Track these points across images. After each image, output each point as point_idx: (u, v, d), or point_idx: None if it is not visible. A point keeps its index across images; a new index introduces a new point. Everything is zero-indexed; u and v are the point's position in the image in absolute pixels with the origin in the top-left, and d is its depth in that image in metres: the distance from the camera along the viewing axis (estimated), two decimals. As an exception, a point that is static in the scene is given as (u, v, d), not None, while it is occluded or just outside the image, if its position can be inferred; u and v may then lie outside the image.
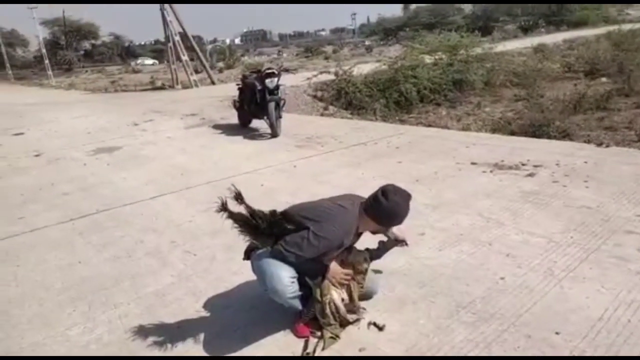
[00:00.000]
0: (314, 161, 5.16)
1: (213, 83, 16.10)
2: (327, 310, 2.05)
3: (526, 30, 25.86)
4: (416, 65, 11.02)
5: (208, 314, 2.36)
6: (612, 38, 15.02)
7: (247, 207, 2.00)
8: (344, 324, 2.11)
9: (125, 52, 53.36)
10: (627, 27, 16.93)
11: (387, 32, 35.24)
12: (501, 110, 9.10)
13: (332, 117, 8.80)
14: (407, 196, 2.02)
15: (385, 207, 1.95)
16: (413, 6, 42.30)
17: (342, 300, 2.09)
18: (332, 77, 10.95)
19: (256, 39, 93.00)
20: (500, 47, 14.56)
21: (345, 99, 10.16)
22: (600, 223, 2.95)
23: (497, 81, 11.35)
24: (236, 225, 2.00)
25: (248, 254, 2.12)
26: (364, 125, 7.22)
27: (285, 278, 1.95)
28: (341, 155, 5.30)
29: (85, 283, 2.79)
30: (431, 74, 10.61)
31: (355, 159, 5.07)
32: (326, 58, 25.03)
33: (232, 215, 1.99)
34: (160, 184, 4.73)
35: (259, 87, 6.61)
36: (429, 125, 7.51)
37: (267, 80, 6.60)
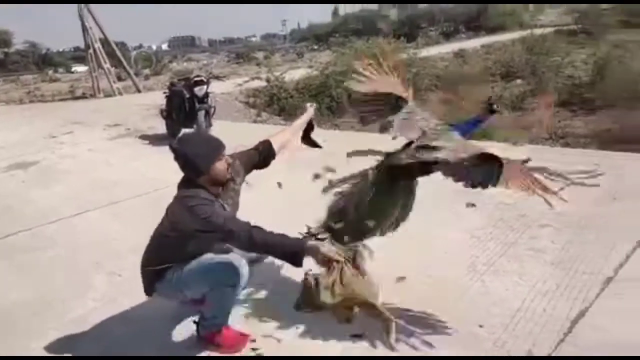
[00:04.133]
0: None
1: (139, 91, 15.44)
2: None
3: (448, 36, 27.27)
4: (347, 70, 11.24)
5: (135, 337, 2.24)
6: (525, 42, 16.23)
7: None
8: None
9: (42, 60, 49.81)
10: (538, 31, 18.36)
11: (317, 37, 35.73)
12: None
13: (265, 124, 8.75)
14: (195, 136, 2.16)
15: (190, 158, 1.93)
16: (342, 12, 43.30)
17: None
18: (264, 83, 10.91)
19: (185, 44, 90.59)
20: (425, 52, 15.24)
21: (277, 105, 10.16)
22: (518, 218, 3.16)
23: (422, 85, 11.84)
24: None
25: (152, 286, 2.03)
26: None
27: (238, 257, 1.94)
28: (275, 163, 5.27)
29: (4, 310, 2.56)
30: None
31: (290, 166, 5.05)
32: (258, 64, 24.85)
33: None
34: (82, 200, 4.44)
35: (188, 95, 6.43)
36: (360, 130, 7.68)
37: (196, 88, 6.44)
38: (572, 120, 7.53)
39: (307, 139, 2.68)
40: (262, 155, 2.31)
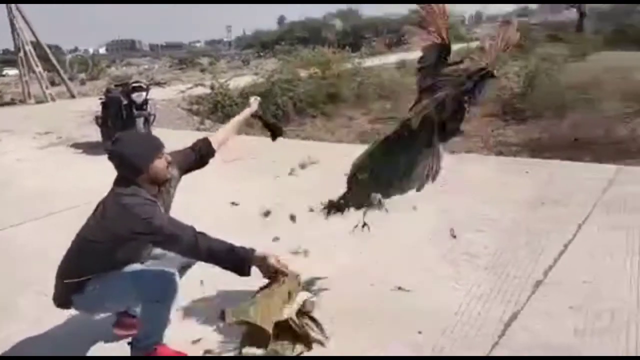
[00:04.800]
0: (186, 178, 4.94)
1: (73, 97, 14.67)
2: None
3: (391, 46, 28.05)
4: (292, 78, 11.29)
5: (63, 361, 2.09)
6: (462, 55, 16.99)
7: None
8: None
9: (-34, 64, 46.14)
10: (474, 44, 19.30)
11: (263, 45, 35.64)
12: (370, 121, 9.71)
13: (209, 132, 8.56)
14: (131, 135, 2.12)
15: (127, 156, 1.82)
16: (288, 21, 43.54)
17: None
18: (208, 90, 10.70)
19: (124, 48, 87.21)
20: (369, 62, 15.58)
21: (222, 112, 9.99)
22: (453, 224, 3.26)
23: (366, 94, 12.08)
24: None
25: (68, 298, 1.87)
26: (241, 139, 7.14)
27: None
28: (216, 170, 5.16)
29: None
30: (307, 88, 10.96)
31: (233, 174, 4.97)
32: (202, 70, 24.37)
33: None
34: (10, 214, 4.13)
35: (125, 102, 6.17)
36: (306, 138, 7.71)
37: (134, 95, 6.20)
38: (505, 130, 7.94)
39: (266, 126, 2.63)
40: (200, 154, 2.21)
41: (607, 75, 9.64)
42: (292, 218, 3.18)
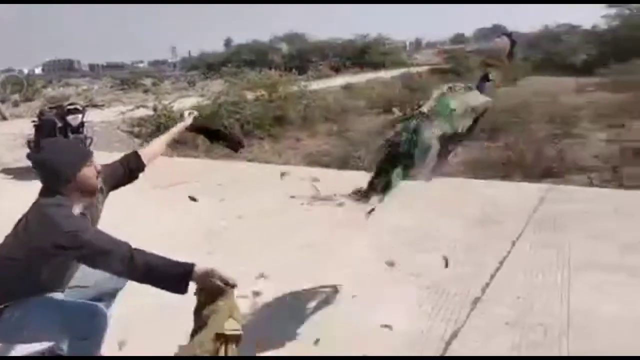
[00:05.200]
0: (122, 203, 4.74)
1: (5, 118, 13.84)
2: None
3: (337, 70, 28.72)
4: (239, 101, 11.24)
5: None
6: (403, 79, 17.67)
7: None
8: None
9: None
10: (414, 69, 20.16)
11: (209, 67, 35.35)
12: (317, 143, 9.81)
13: (152, 155, 8.30)
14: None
15: (53, 163, 1.69)
16: (235, 43, 43.55)
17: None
18: (150, 112, 10.41)
19: (62, 68, 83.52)
20: (315, 85, 15.83)
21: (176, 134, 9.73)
22: (400, 244, 3.34)
23: (313, 117, 12.23)
24: None
25: None
26: (184, 162, 7.00)
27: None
28: (157, 195, 5.01)
29: None
30: (253, 110, 10.95)
31: (174, 198, 4.84)
32: (145, 91, 23.75)
33: None
34: None
35: (60, 125, 5.88)
36: (252, 160, 7.66)
37: (70, 117, 5.93)
38: (446, 151, 8.27)
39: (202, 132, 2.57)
40: (129, 168, 2.08)
41: (536, 99, 10.34)
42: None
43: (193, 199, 4.76)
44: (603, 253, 2.95)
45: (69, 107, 6.11)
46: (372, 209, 2.44)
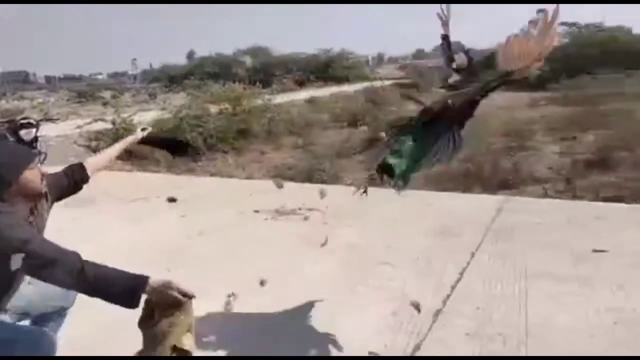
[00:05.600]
0: (85, 221, 4.57)
1: (-48, 132, 13.09)
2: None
3: (301, 84, 28.90)
4: (202, 114, 11.11)
5: None
6: (366, 93, 17.98)
7: None
8: None
9: None
10: (377, 84, 20.54)
11: (171, 79, 34.85)
12: (282, 157, 9.81)
13: (110, 170, 8.06)
14: None
15: None
16: (198, 56, 43.15)
17: None
18: (109, 125, 10.14)
19: (16, 80, 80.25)
20: (279, 98, 15.87)
21: (124, 148, 9.48)
22: (362, 257, 3.36)
23: (277, 130, 12.23)
24: None
25: None
26: (145, 177, 6.83)
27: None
28: (118, 212, 4.85)
29: None
30: (217, 123, 10.84)
31: (135, 214, 4.70)
32: (104, 104, 23.12)
33: None
34: None
35: (12, 140, 5.62)
36: (216, 174, 7.57)
37: (23, 132, 5.66)
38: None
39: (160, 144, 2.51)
40: (74, 179, 1.99)
41: (493, 114, 10.73)
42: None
43: (172, 199, 4.70)
44: (557, 263, 3.06)
45: (22, 121, 5.84)
46: (365, 190, 2.50)
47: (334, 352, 2.23)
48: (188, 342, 1.58)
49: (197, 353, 1.69)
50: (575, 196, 5.09)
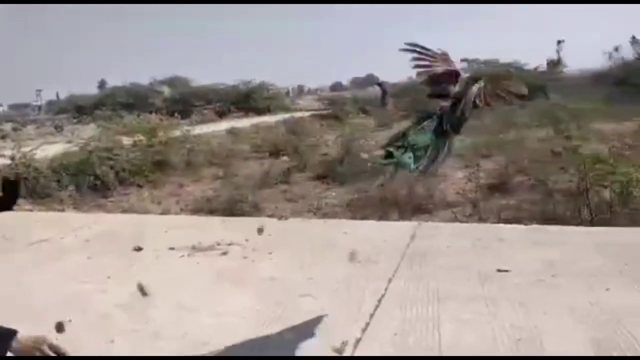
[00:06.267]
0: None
1: None
2: None
3: (221, 115, 28.59)
4: (114, 146, 10.54)
5: None
6: (287, 123, 18.18)
7: None
8: None
9: None
10: (297, 114, 20.92)
11: (80, 110, 32.87)
12: (202, 189, 9.53)
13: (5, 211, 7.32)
14: None
15: None
16: (109, 85, 41.24)
17: None
18: (8, 160, 9.27)
19: None
20: (199, 129, 15.54)
21: (25, 186, 8.69)
22: (282, 291, 3.31)
23: (197, 161, 11.91)
24: None
25: None
26: (47, 217, 6.30)
27: None
28: (15, 256, 4.40)
29: None
30: (130, 156, 10.34)
31: (35, 258, 4.29)
32: (2, 137, 21.21)
33: None
34: None
35: None
36: (128, 210, 7.16)
37: None
38: (327, 192, 8.57)
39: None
40: None
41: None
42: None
43: (138, 248, 4.23)
44: (465, 284, 3.23)
45: None
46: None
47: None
48: None
49: None
50: (480, 219, 5.44)
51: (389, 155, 2.41)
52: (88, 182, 9.12)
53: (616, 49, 23.66)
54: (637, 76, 20.10)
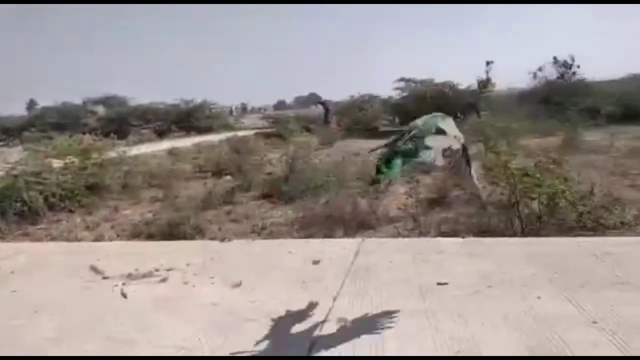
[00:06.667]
0: None
1: None
2: None
3: (161, 135, 27.76)
4: (42, 170, 9.91)
5: None
6: (230, 142, 17.96)
7: None
8: None
9: None
10: (241, 133, 20.72)
11: (7, 132, 30.76)
12: (140, 212, 9.13)
13: None
14: None
15: None
16: (39, 106, 39.01)
17: None
18: None
19: None
20: (137, 150, 14.98)
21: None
22: (225, 316, 3.21)
23: (135, 183, 11.44)
24: None
25: None
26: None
27: None
28: None
29: None
30: (61, 179, 9.75)
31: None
32: None
33: None
34: None
35: None
36: (58, 238, 6.71)
37: None
38: (273, 211, 8.50)
39: None
40: None
41: (350, 159, 11.51)
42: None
43: (124, 295, 3.77)
44: (407, 298, 3.28)
45: None
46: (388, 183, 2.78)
47: None
48: None
49: None
50: (421, 233, 5.59)
51: (379, 171, 2.73)
52: (14, 209, 8.50)
53: (540, 69, 25.45)
54: (559, 94, 21.74)
